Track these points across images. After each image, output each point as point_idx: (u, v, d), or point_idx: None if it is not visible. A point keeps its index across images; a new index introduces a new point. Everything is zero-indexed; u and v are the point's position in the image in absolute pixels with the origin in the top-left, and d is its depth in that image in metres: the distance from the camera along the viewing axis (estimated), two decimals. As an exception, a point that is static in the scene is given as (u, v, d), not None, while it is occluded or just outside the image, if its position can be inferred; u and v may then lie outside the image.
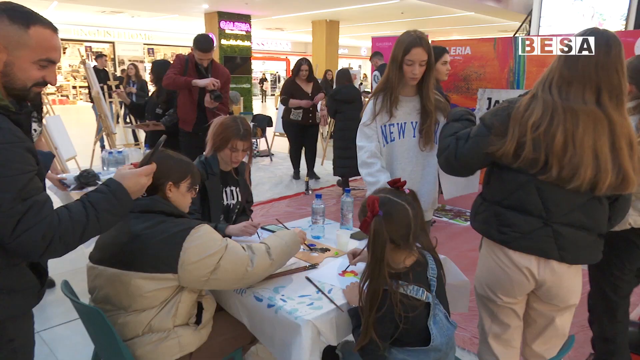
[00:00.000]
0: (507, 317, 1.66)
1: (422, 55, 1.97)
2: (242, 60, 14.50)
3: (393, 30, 17.73)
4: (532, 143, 1.41)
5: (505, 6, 12.16)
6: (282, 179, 6.53)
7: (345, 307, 1.52)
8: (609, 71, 1.37)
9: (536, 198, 1.47)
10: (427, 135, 2.09)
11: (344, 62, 23.98)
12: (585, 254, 1.51)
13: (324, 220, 2.18)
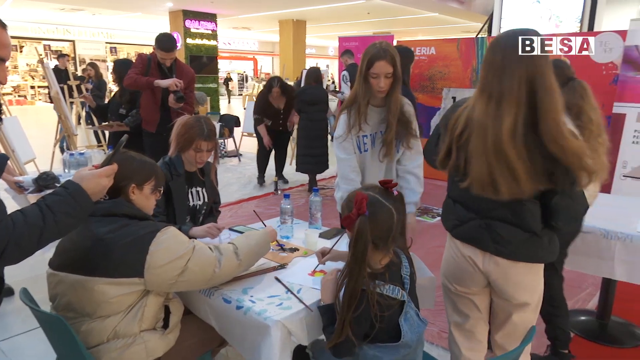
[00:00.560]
0: (465, 307, 1.73)
1: (386, 68, 1.98)
2: (208, 59, 14.31)
3: (360, 30, 17.88)
4: (456, 154, 1.50)
5: (467, 8, 12.46)
6: (250, 179, 6.48)
7: (314, 306, 1.52)
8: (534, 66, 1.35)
9: (470, 195, 1.52)
10: (386, 146, 2.13)
11: (311, 62, 23.96)
12: (523, 251, 1.52)
13: (293, 220, 2.18)
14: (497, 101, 1.37)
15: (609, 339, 2.65)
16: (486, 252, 1.56)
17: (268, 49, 27.66)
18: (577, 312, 2.92)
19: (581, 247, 2.29)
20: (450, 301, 1.78)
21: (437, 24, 16.41)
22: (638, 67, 4.07)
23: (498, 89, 1.38)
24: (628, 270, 2.21)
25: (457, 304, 1.75)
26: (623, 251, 2.20)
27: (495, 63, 1.40)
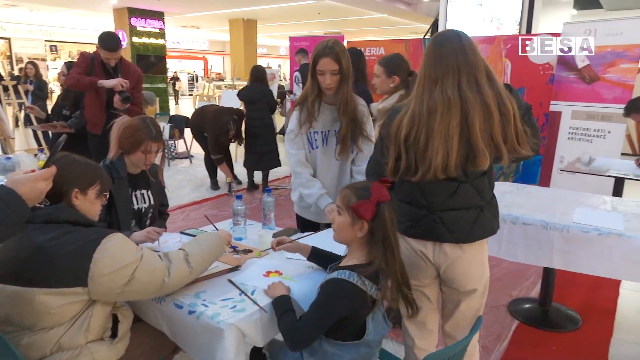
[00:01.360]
0: (417, 299, 1.75)
1: (331, 65, 2.01)
2: (156, 59, 13.89)
3: (311, 30, 17.94)
4: (405, 155, 1.54)
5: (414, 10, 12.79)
6: (203, 181, 6.36)
7: (268, 307, 1.51)
8: (466, 56, 1.49)
9: (418, 192, 1.61)
10: (341, 144, 2.16)
11: (263, 62, 23.80)
12: (477, 229, 1.62)
13: (246, 222, 2.16)
14: (470, 77, 1.48)
15: (551, 324, 2.81)
16: (442, 243, 1.62)
17: (219, 49, 27.22)
18: (521, 300, 3.08)
19: (522, 238, 2.42)
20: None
21: (386, 25, 16.74)
22: (571, 68, 4.34)
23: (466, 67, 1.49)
24: (565, 259, 2.35)
25: None
26: (561, 241, 2.34)
27: (455, 48, 1.50)
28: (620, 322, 2.85)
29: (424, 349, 1.81)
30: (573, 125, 4.41)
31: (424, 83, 1.54)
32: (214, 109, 5.74)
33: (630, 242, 2.19)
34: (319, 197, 2.17)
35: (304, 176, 2.20)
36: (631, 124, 7.07)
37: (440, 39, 1.55)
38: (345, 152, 2.18)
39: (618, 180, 3.62)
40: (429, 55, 1.55)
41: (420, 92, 1.54)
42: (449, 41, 1.52)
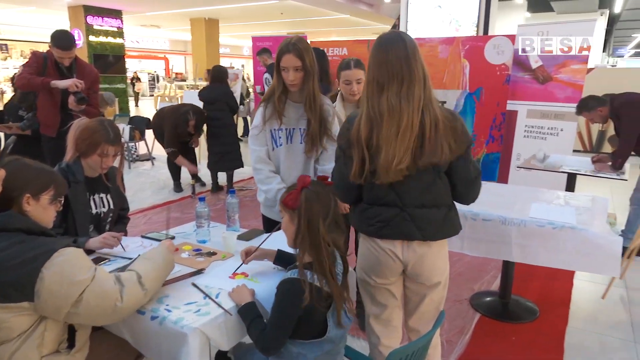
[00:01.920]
0: (383, 297, 1.80)
1: (293, 61, 2.02)
2: (114, 58, 13.49)
3: (274, 30, 17.87)
4: (369, 158, 1.58)
5: (376, 10, 12.95)
6: (165, 183, 6.22)
7: (233, 310, 1.50)
8: (409, 63, 1.55)
9: (390, 191, 1.63)
10: (311, 141, 2.16)
11: (226, 62, 23.51)
12: (443, 228, 1.68)
13: (209, 224, 2.12)
14: (409, 83, 1.54)
15: (510, 315, 2.90)
16: (411, 241, 1.66)
17: (180, 48, 26.70)
18: (482, 293, 3.17)
19: (483, 234, 2.49)
20: (369, 294, 1.84)
21: (349, 26, 16.88)
22: (526, 69, 4.50)
23: (408, 74, 1.54)
24: (523, 252, 2.44)
25: (376, 296, 1.82)
26: (518, 235, 2.42)
27: (400, 56, 1.55)
28: (575, 311, 2.98)
29: (390, 345, 1.84)
30: (528, 123, 4.58)
31: (373, 87, 1.59)
32: (171, 107, 5.67)
33: (581, 234, 2.29)
34: (277, 191, 2.16)
35: (263, 172, 2.20)
36: (582, 122, 7.41)
37: (386, 43, 1.59)
38: (313, 150, 2.18)
39: (570, 176, 3.79)
40: (375, 60, 1.59)
41: (370, 95, 1.60)
42: (394, 47, 1.56)
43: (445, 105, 4.81)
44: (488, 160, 4.88)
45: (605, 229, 2.33)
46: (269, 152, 2.23)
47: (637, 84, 6.75)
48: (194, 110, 5.32)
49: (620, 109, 3.61)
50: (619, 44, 23.14)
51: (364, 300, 1.87)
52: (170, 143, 5.37)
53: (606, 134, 8.05)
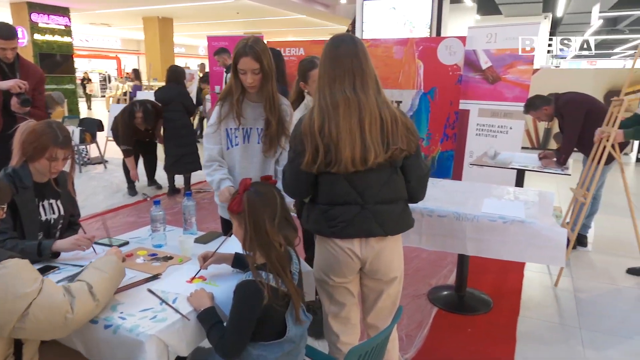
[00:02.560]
0: (342, 296, 1.83)
1: (251, 64, 2.01)
2: (62, 58, 12.92)
3: (230, 29, 17.66)
4: (323, 147, 1.60)
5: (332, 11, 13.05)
6: (119, 187, 6.02)
7: (192, 315, 1.47)
8: (360, 61, 1.63)
9: (349, 189, 1.66)
10: (269, 142, 2.15)
11: (181, 61, 22.99)
12: (401, 222, 1.74)
13: (165, 228, 2.08)
14: (362, 78, 1.62)
15: (466, 308, 3.00)
16: (368, 238, 1.70)
17: (133, 47, 25.90)
18: (439, 288, 3.26)
19: (439, 229, 2.56)
20: (327, 294, 1.85)
21: (305, 26, 16.91)
22: (476, 69, 4.66)
23: (360, 69, 1.62)
24: (477, 246, 2.53)
25: (334, 295, 1.83)
26: (472, 230, 2.51)
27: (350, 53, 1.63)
28: (526, 301, 3.12)
29: (349, 342, 1.86)
30: (480, 122, 4.75)
31: (324, 80, 1.65)
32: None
33: (530, 227, 2.41)
34: (219, 181, 2.13)
35: (212, 167, 2.19)
36: (529, 121, 7.75)
37: (338, 41, 1.66)
38: (272, 150, 2.17)
39: (519, 172, 3.96)
40: (327, 56, 1.66)
41: (322, 88, 1.65)
42: (345, 44, 1.64)
43: (402, 105, 4.93)
44: (443, 158, 5.02)
45: (551, 222, 2.46)
46: (223, 151, 2.21)
47: (579, 84, 7.15)
48: (140, 102, 5.18)
49: (564, 107, 3.81)
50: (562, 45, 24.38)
51: (322, 300, 1.89)
52: (124, 140, 5.26)
53: (552, 132, 8.46)
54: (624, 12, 13.41)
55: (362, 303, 1.90)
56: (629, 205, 3.40)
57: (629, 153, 8.33)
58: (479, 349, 2.56)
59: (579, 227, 3.54)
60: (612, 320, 2.86)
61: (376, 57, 4.90)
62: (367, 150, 1.59)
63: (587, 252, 3.98)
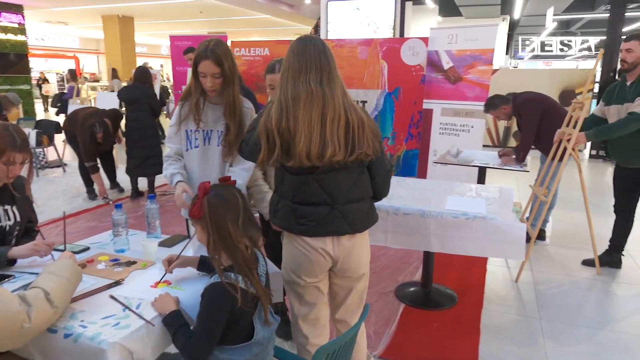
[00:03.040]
0: (312, 296, 1.83)
1: (212, 68, 1.96)
2: (16, 57, 12.36)
3: (194, 28, 17.39)
4: (280, 143, 1.61)
5: (297, 11, 13.05)
6: (79, 190, 5.83)
7: (157, 320, 1.44)
8: (327, 58, 1.66)
9: (319, 190, 1.68)
10: (228, 147, 2.10)
11: (142, 61, 22.44)
12: (367, 219, 1.79)
13: (128, 232, 2.02)
14: (328, 73, 1.64)
15: (432, 303, 3.07)
16: (340, 237, 1.72)
17: (92, 47, 25.10)
18: (406, 284, 3.32)
19: (404, 227, 2.61)
20: (297, 295, 1.85)
21: (270, 26, 16.84)
22: (438, 69, 4.77)
23: (327, 64, 1.65)
24: (441, 242, 2.59)
25: (304, 296, 1.83)
26: (436, 227, 2.57)
27: (318, 49, 1.65)
28: (489, 294, 3.21)
29: (318, 344, 1.86)
30: (443, 121, 4.86)
31: (288, 74, 1.65)
32: (85, 112, 5.28)
33: (491, 223, 2.48)
34: (171, 176, 2.09)
35: (167, 162, 2.16)
36: (490, 119, 7.98)
37: (305, 39, 1.69)
38: (231, 156, 2.12)
39: (481, 169, 4.07)
40: (293, 51, 1.66)
41: (285, 82, 1.65)
42: (312, 41, 1.67)
43: (367, 105, 4.98)
44: (408, 157, 5.10)
45: (511, 217, 2.54)
46: (182, 152, 2.17)
47: (536, 84, 7.42)
48: (100, 123, 4.99)
49: (521, 107, 3.95)
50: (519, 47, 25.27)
51: (291, 302, 1.88)
52: (86, 158, 5.08)
53: (511, 130, 8.75)
54: (576, 15, 14.02)
55: (331, 300, 1.92)
56: (584, 200, 3.55)
57: (582, 150, 8.71)
58: (444, 343, 2.62)
59: (539, 225, 3.67)
60: (569, 311, 2.99)
61: (341, 57, 4.94)
62: (326, 145, 1.59)
63: (546, 246, 4.14)
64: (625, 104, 3.25)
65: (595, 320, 2.87)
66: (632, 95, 3.19)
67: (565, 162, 3.49)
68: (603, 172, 7.48)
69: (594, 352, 2.54)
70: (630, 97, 3.20)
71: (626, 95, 3.26)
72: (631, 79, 3.27)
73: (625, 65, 3.25)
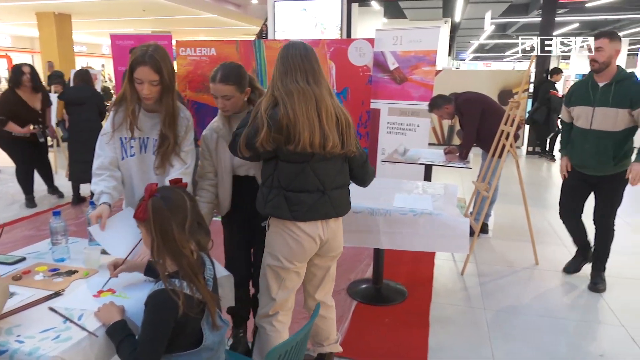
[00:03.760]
0: (292, 281, 1.97)
1: (150, 75, 1.84)
2: (-62, 56, 11.43)
3: (137, 27, 16.80)
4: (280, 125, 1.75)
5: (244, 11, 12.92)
6: (15, 197, 5.49)
7: (100, 331, 1.39)
8: (310, 61, 1.81)
9: (313, 177, 1.84)
10: (161, 158, 1.99)
11: (82, 61, 21.43)
12: (348, 204, 2.01)
13: (68, 240, 1.93)
14: (313, 75, 1.80)
15: (383, 299, 3.14)
16: (329, 220, 1.91)
17: (26, 45, 23.62)
18: (358, 282, 3.37)
19: (354, 224, 2.65)
20: (279, 280, 1.95)
21: (217, 26, 16.55)
22: (385, 70, 4.87)
23: (310, 68, 1.81)
24: (390, 239, 2.65)
25: (286, 281, 1.96)
26: (385, 224, 2.63)
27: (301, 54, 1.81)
28: (437, 288, 3.32)
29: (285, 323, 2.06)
30: (390, 120, 4.97)
31: (276, 76, 1.81)
32: None
33: (437, 218, 2.57)
34: (100, 194, 1.94)
35: (101, 176, 1.99)
36: (435, 118, 8.26)
37: (288, 44, 1.86)
38: (163, 167, 2.02)
39: (427, 167, 4.21)
40: (278, 57, 1.84)
41: (275, 83, 1.80)
42: (294, 46, 1.83)
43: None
44: (357, 156, 5.16)
45: (455, 213, 2.64)
46: (118, 161, 2.05)
47: (476, 84, 7.75)
48: (32, 68, 4.77)
49: (462, 106, 4.12)
50: (461, 48, 26.33)
51: (270, 286, 1.97)
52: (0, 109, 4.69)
53: (455, 128, 9.09)
54: (512, 19, 14.77)
55: (309, 282, 2.11)
56: (522, 194, 3.75)
57: (520, 146, 9.19)
58: (396, 337, 2.68)
59: (482, 219, 3.84)
60: (511, 300, 3.15)
61: (289, 57, 4.93)
62: (327, 138, 1.78)
63: (489, 239, 4.34)
64: (601, 107, 2.95)
65: (535, 308, 3.04)
66: (615, 99, 2.89)
67: (504, 158, 3.66)
68: (539, 168, 7.93)
69: (535, 338, 2.69)
70: (612, 102, 2.90)
71: (601, 99, 2.95)
72: (604, 81, 2.96)
73: (595, 65, 2.94)
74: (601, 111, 2.96)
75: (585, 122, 3.05)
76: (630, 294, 3.26)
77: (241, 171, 2.16)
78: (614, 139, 2.96)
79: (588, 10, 12.09)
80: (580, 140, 3.10)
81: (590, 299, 3.17)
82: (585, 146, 3.06)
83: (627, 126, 2.94)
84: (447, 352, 2.55)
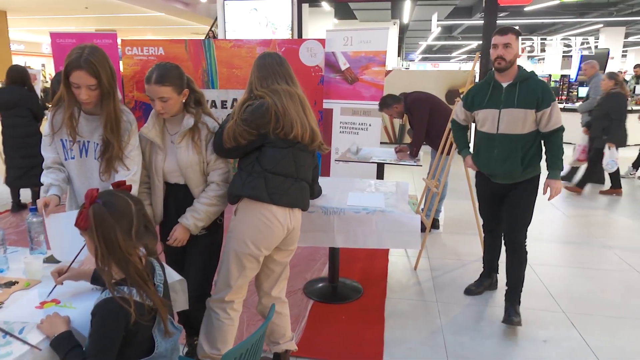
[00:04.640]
0: (252, 271, 2.06)
1: (86, 80, 1.75)
2: None
3: (80, 25, 16.08)
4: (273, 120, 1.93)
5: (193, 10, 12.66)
6: (-56, 208, 5.11)
7: (44, 344, 1.32)
8: (286, 67, 2.03)
9: (292, 163, 1.98)
10: (106, 164, 1.91)
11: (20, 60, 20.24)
12: (308, 200, 2.13)
13: (6, 249, 1.82)
14: (290, 79, 2.02)
15: (339, 297, 3.17)
16: (293, 209, 2.02)
17: (-47, 43, 22.03)
18: (314, 281, 3.39)
19: (309, 224, 2.65)
20: (241, 267, 2.01)
21: (165, 24, 16.11)
22: (336, 70, 4.93)
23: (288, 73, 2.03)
24: (345, 237, 2.68)
25: (246, 269, 2.02)
26: (339, 223, 2.65)
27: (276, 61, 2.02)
28: (392, 283, 3.40)
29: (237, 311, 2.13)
30: (342, 120, 5.03)
31: (254, 81, 1.99)
32: None
33: (390, 216, 2.62)
34: (48, 186, 1.90)
35: (50, 170, 1.96)
36: (386, 118, 8.42)
37: (263, 54, 2.04)
38: (108, 172, 1.94)
39: (379, 165, 4.29)
40: (255, 65, 2.02)
41: (254, 87, 1.97)
42: (271, 56, 2.02)
43: (268, 106, 4.99)
44: (311, 156, 5.19)
45: (407, 209, 2.71)
46: (63, 161, 1.99)
47: (425, 84, 7.97)
48: None
49: (411, 105, 4.23)
50: (410, 49, 27.02)
51: (231, 273, 2.01)
52: None
53: (406, 127, 9.31)
54: (457, 21, 15.33)
55: (266, 280, 2.19)
56: (469, 190, 3.90)
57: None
58: (353, 334, 2.72)
59: (433, 215, 3.96)
60: (461, 292, 3.27)
61: (240, 57, 4.88)
62: (315, 134, 2.00)
63: (440, 234, 4.48)
64: (507, 108, 2.65)
65: (483, 298, 3.17)
66: (521, 99, 2.62)
67: (452, 155, 3.79)
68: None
69: (482, 327, 2.81)
70: (518, 102, 2.62)
71: (506, 100, 2.65)
72: (507, 80, 2.66)
73: (502, 63, 2.59)
74: (508, 113, 2.65)
75: (492, 126, 2.72)
76: (566, 280, 3.46)
77: (172, 178, 2.08)
78: (522, 142, 2.67)
79: (526, 14, 12.75)
80: (487, 146, 2.77)
81: (534, 286, 3.34)
82: (494, 152, 2.73)
83: (534, 129, 2.68)
84: (402, 345, 2.61)
